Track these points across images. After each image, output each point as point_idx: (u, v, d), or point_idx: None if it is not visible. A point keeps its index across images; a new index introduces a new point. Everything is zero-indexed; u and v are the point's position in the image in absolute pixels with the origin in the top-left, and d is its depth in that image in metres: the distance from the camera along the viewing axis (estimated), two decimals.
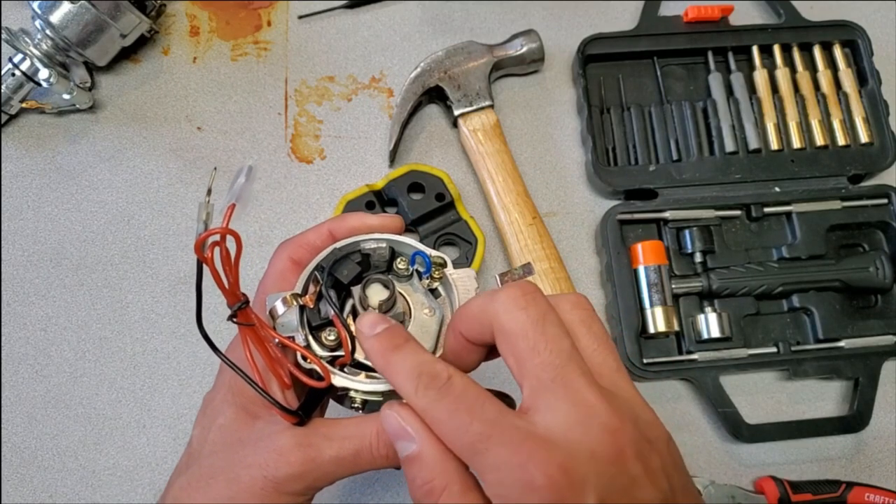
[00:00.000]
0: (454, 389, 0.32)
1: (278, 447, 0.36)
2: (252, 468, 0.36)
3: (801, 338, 0.63)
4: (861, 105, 0.69)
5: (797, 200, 0.65)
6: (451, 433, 0.31)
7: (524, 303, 0.32)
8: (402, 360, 0.33)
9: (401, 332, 0.35)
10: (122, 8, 0.63)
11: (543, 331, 0.31)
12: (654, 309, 0.61)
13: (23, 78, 0.63)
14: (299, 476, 0.36)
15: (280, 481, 0.35)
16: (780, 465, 0.61)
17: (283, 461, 0.35)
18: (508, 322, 0.32)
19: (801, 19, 0.71)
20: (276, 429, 0.37)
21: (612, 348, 0.33)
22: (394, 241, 0.43)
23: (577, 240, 0.66)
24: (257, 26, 0.72)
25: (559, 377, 0.30)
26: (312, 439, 0.36)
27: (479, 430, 0.30)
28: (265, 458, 0.36)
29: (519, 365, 0.32)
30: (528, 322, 0.32)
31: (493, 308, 0.33)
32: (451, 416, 0.31)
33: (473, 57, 0.67)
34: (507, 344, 0.32)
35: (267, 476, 0.35)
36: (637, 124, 0.68)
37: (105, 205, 0.66)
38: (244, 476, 0.36)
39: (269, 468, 0.35)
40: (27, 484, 0.59)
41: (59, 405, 0.61)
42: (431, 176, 0.63)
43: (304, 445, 0.36)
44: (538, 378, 0.31)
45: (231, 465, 0.37)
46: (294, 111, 0.69)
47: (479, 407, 0.31)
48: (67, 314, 0.63)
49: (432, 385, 0.32)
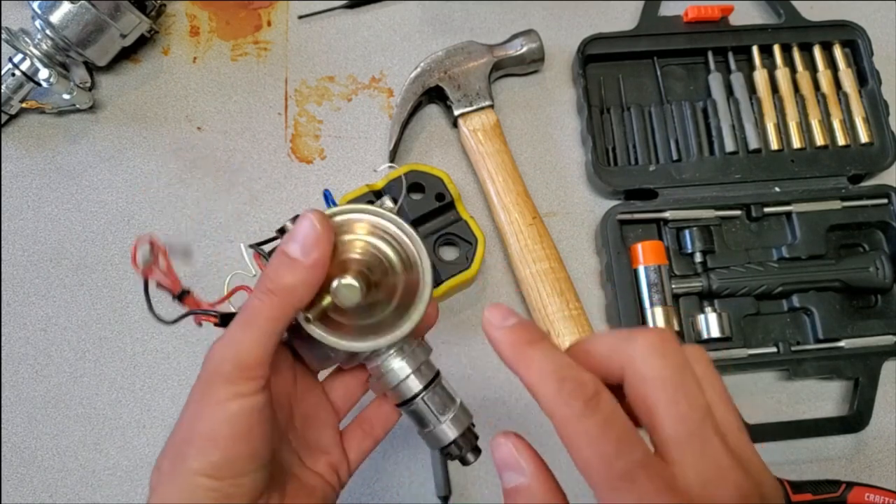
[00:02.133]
0: (603, 408, 0.29)
1: (206, 355, 0.37)
2: (196, 381, 0.37)
3: (801, 338, 0.63)
4: (861, 105, 0.69)
5: (797, 200, 0.65)
6: (591, 457, 0.29)
7: (664, 350, 0.31)
8: (542, 358, 0.31)
9: (537, 329, 0.33)
10: (122, 8, 0.63)
11: (683, 383, 0.30)
12: (654, 309, 0.61)
13: (23, 78, 0.63)
14: (221, 361, 0.36)
15: (209, 374, 0.36)
16: (780, 464, 0.61)
17: (208, 359, 0.37)
18: (647, 369, 0.30)
19: (801, 19, 0.71)
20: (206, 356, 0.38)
21: (734, 407, 0.32)
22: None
23: (577, 240, 0.66)
24: (257, 26, 0.72)
25: (697, 433, 0.29)
26: (223, 332, 0.37)
27: (624, 467, 0.28)
28: (203, 366, 0.37)
29: (652, 414, 0.30)
30: (668, 372, 0.30)
31: (630, 352, 0.31)
32: (596, 441, 0.29)
33: (473, 57, 0.67)
34: (642, 390, 0.30)
35: (202, 379, 0.36)
36: (637, 124, 0.68)
37: (105, 205, 0.66)
38: (192, 390, 0.37)
39: (202, 373, 0.37)
40: (27, 484, 0.59)
41: (60, 405, 0.61)
42: (431, 176, 0.63)
43: (218, 337, 0.37)
44: (676, 430, 0.29)
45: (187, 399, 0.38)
46: (294, 111, 0.69)
47: (628, 441, 0.29)
48: (67, 314, 0.63)
49: (579, 395, 0.30)
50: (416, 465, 0.60)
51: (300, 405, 0.43)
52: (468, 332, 0.64)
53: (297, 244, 0.36)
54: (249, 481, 0.36)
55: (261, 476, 0.37)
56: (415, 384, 0.41)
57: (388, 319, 0.40)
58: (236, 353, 0.36)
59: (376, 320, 0.40)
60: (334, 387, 0.46)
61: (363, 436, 0.45)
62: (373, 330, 0.39)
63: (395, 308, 0.40)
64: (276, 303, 0.36)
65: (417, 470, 0.60)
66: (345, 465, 0.44)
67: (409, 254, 0.41)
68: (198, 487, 0.35)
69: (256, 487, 0.37)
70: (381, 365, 0.41)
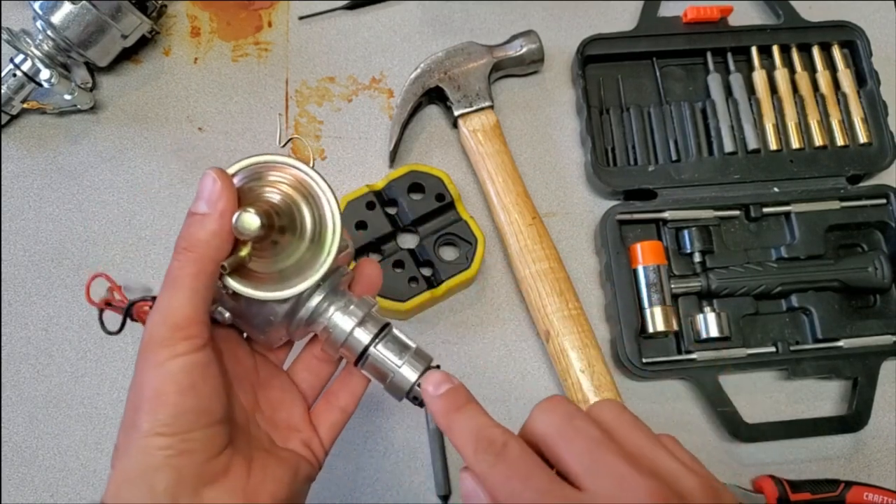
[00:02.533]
0: (509, 455, 0.34)
1: (146, 324, 0.38)
2: (137, 356, 0.38)
3: (800, 337, 0.63)
4: (860, 105, 0.69)
5: (796, 201, 0.65)
6: (505, 498, 0.33)
7: (550, 408, 0.36)
8: (464, 423, 0.37)
9: (463, 393, 0.39)
10: (124, 9, 0.63)
11: (572, 425, 0.34)
12: (654, 309, 0.61)
13: (24, 78, 0.64)
14: (155, 325, 0.37)
15: (145, 342, 0.37)
16: (779, 464, 0.61)
17: (145, 327, 0.38)
18: (539, 426, 0.35)
19: (799, 20, 0.71)
20: None
21: (645, 431, 0.36)
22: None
23: (577, 240, 0.67)
24: (258, 27, 0.72)
25: (597, 460, 0.33)
26: None
27: (532, 498, 0.32)
28: (141, 340, 0.38)
29: (558, 459, 0.34)
30: (556, 419, 0.35)
31: (528, 423, 0.36)
32: (505, 482, 0.33)
33: (473, 58, 0.68)
34: (544, 446, 0.35)
35: (142, 342, 0.37)
36: (636, 125, 0.68)
37: (106, 205, 0.66)
38: (136, 365, 0.38)
39: (142, 338, 0.38)
40: (28, 483, 0.59)
41: (61, 405, 0.61)
42: (431, 176, 0.64)
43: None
44: (578, 462, 0.33)
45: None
46: (294, 112, 0.70)
47: (531, 475, 0.33)
48: (69, 314, 0.63)
49: (490, 450, 0.35)
50: (416, 465, 0.60)
51: (265, 391, 0.44)
52: (468, 332, 0.64)
53: (203, 200, 0.38)
54: (202, 436, 0.37)
55: (214, 433, 0.37)
56: (363, 335, 0.42)
57: (307, 269, 0.40)
58: (166, 317, 0.37)
59: (295, 269, 0.40)
60: (298, 371, 0.46)
61: (331, 409, 0.46)
62: (293, 281, 0.40)
63: (312, 256, 0.40)
64: (194, 258, 0.37)
65: (417, 470, 0.60)
66: (316, 440, 0.44)
67: (318, 201, 0.41)
68: (150, 448, 0.36)
69: (212, 444, 0.37)
70: (327, 325, 0.42)
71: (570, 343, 0.59)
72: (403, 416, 0.61)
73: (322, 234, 0.41)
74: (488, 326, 0.64)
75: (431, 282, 0.62)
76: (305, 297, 0.41)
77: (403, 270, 0.61)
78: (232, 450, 0.39)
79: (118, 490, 0.36)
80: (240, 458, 0.39)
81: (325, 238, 0.41)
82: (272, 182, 0.41)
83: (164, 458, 0.36)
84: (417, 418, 0.61)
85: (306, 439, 0.44)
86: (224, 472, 0.38)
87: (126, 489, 0.36)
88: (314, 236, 0.41)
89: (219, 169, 0.39)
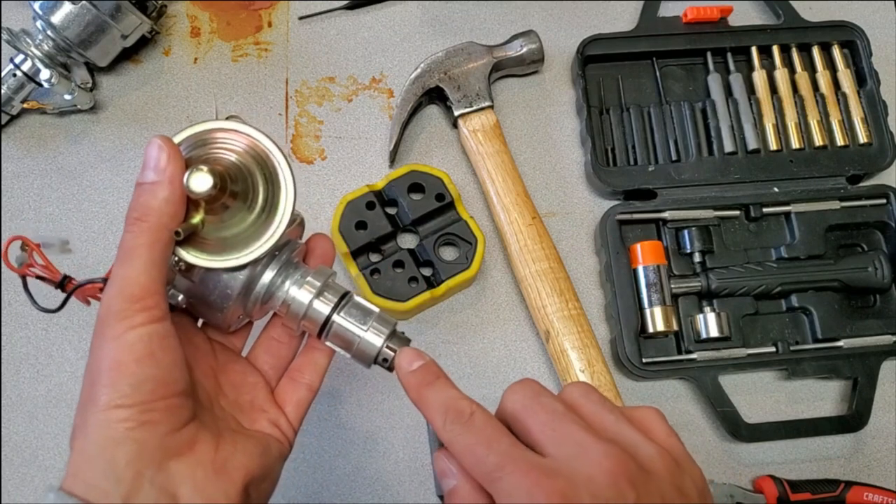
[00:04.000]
0: (475, 424, 0.37)
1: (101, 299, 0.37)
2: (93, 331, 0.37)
3: (800, 337, 0.63)
4: (860, 105, 0.69)
5: (796, 201, 0.66)
6: (471, 464, 0.35)
7: (518, 388, 0.38)
8: (434, 396, 0.39)
9: (434, 369, 0.41)
10: (124, 9, 0.63)
11: (537, 401, 0.37)
12: (654, 309, 0.61)
13: (24, 78, 0.64)
14: (111, 297, 0.36)
15: (101, 315, 0.36)
16: (779, 464, 0.61)
17: (101, 302, 0.37)
18: (509, 404, 0.38)
19: (799, 20, 0.71)
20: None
21: (610, 407, 0.38)
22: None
23: (577, 240, 0.67)
24: (258, 27, 0.72)
25: (558, 429, 0.36)
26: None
27: (495, 461, 0.34)
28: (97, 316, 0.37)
29: (525, 432, 0.36)
30: (524, 398, 0.37)
31: (501, 403, 0.39)
32: (471, 449, 0.36)
33: (473, 58, 0.68)
34: (514, 421, 0.37)
35: (98, 317, 0.37)
36: (636, 125, 0.68)
37: (106, 205, 0.66)
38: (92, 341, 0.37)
39: (98, 313, 0.37)
40: (28, 483, 0.59)
41: (61, 404, 0.61)
42: (431, 176, 0.64)
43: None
44: (541, 432, 0.36)
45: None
46: (295, 112, 0.70)
47: (495, 440, 0.35)
48: (69, 314, 0.63)
49: (458, 420, 0.37)
50: (416, 465, 0.60)
51: (226, 376, 0.44)
52: (468, 332, 0.64)
53: (150, 169, 0.37)
54: (163, 407, 0.36)
55: (177, 404, 0.37)
56: (322, 306, 0.42)
57: (260, 237, 0.40)
58: (121, 289, 0.36)
59: (247, 238, 0.40)
60: (258, 354, 0.46)
61: (296, 387, 0.46)
62: (247, 250, 0.40)
63: (264, 225, 0.40)
64: (147, 227, 0.37)
65: (417, 470, 0.60)
66: (283, 419, 0.44)
67: (272, 167, 0.41)
68: (110, 421, 0.35)
69: (175, 416, 0.36)
70: (285, 298, 0.42)
71: (570, 343, 0.59)
72: (403, 416, 0.61)
73: (275, 202, 0.40)
74: (488, 326, 0.64)
75: (431, 282, 0.62)
76: (260, 272, 0.41)
77: (403, 270, 0.61)
78: (198, 424, 0.38)
79: (77, 470, 0.35)
80: (206, 433, 0.38)
81: (278, 205, 0.40)
82: (223, 148, 0.40)
83: (125, 430, 0.34)
84: (417, 418, 0.61)
85: (273, 419, 0.44)
86: (190, 445, 0.37)
87: (86, 467, 0.34)
88: (266, 204, 0.40)
89: (163, 136, 0.38)
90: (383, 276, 0.61)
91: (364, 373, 0.62)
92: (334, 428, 0.61)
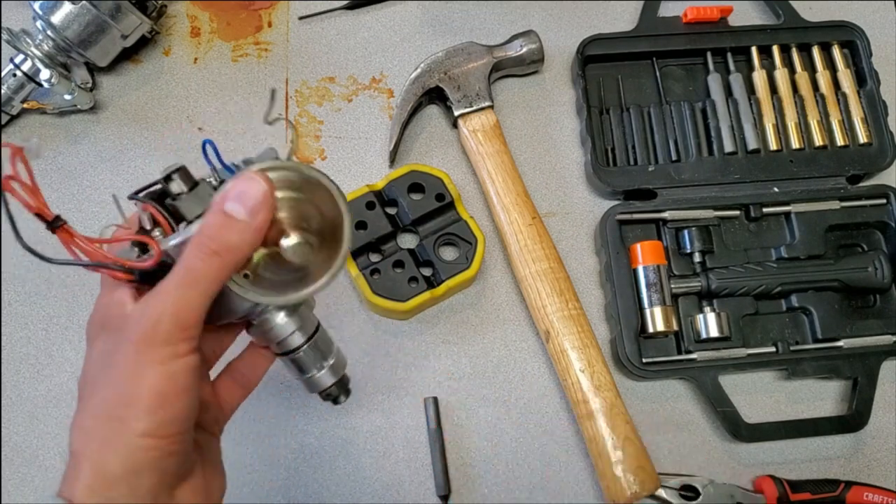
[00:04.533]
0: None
1: (136, 316, 0.37)
2: (123, 350, 0.36)
3: (800, 337, 0.63)
4: (860, 105, 0.69)
5: (796, 201, 0.66)
6: None
7: None
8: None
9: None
10: (124, 9, 0.63)
11: None
12: (654, 309, 0.61)
13: (24, 78, 0.64)
14: (157, 322, 0.36)
15: (146, 336, 0.36)
16: (779, 464, 0.61)
17: (144, 319, 0.36)
18: None
19: (799, 20, 0.71)
20: (127, 314, 0.38)
21: None
22: None
23: (577, 240, 0.67)
24: (258, 27, 0.72)
25: None
26: (156, 289, 0.37)
27: None
28: (130, 334, 0.36)
29: None
30: None
31: None
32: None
33: (473, 58, 0.68)
34: None
35: (134, 340, 0.36)
36: (636, 125, 0.68)
37: (106, 205, 0.66)
38: (122, 351, 0.36)
39: (134, 335, 0.36)
40: (28, 483, 0.59)
41: (61, 404, 0.61)
42: (431, 176, 0.64)
43: (151, 297, 0.37)
44: None
45: (110, 366, 0.37)
46: (295, 112, 0.70)
47: None
48: (69, 314, 0.63)
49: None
50: (416, 465, 0.60)
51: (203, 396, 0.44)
52: (468, 332, 0.64)
53: (242, 206, 0.36)
54: (185, 438, 0.37)
55: (190, 435, 0.38)
56: (298, 339, 0.43)
57: (312, 271, 0.40)
58: (176, 313, 0.36)
59: (299, 274, 0.40)
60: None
61: (236, 386, 0.46)
62: (294, 283, 0.39)
63: (316, 260, 0.40)
64: (219, 264, 0.36)
65: (417, 469, 0.60)
66: (222, 416, 0.45)
67: (329, 207, 0.40)
68: (140, 449, 0.35)
69: (188, 446, 0.38)
70: (269, 319, 0.42)
71: (570, 343, 0.59)
72: (403, 416, 0.61)
73: (329, 253, 0.40)
74: (488, 326, 0.64)
75: (431, 282, 0.62)
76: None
77: (403, 270, 0.61)
78: (195, 451, 0.39)
79: (95, 485, 0.35)
80: (196, 458, 0.40)
81: (332, 254, 0.40)
82: (288, 183, 0.40)
83: (152, 459, 0.35)
84: (418, 418, 0.61)
85: (214, 416, 0.44)
86: (190, 471, 0.39)
87: (107, 487, 0.35)
88: (320, 254, 0.40)
89: (265, 174, 0.37)
90: (383, 276, 0.61)
91: (364, 373, 0.62)
92: (334, 428, 0.61)
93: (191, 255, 0.36)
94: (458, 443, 0.61)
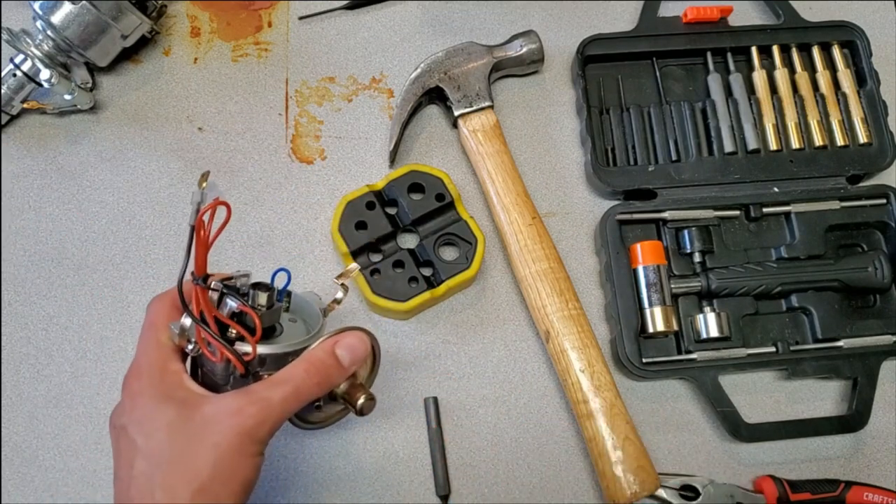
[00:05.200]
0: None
1: (234, 409, 0.42)
2: (219, 434, 0.41)
3: (800, 337, 0.63)
4: (860, 105, 0.69)
5: (796, 201, 0.66)
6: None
7: None
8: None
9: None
10: (124, 9, 0.63)
11: None
12: (654, 309, 0.61)
13: (24, 78, 0.64)
14: (261, 423, 0.42)
15: (248, 432, 0.41)
16: (779, 464, 0.61)
17: (245, 415, 0.42)
18: None
19: (799, 20, 0.71)
20: (218, 399, 0.43)
21: None
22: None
23: (577, 240, 0.67)
24: (258, 27, 0.72)
25: None
26: (259, 392, 0.43)
27: None
28: (227, 423, 0.41)
29: None
30: None
31: None
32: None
33: (473, 58, 0.68)
34: None
35: (235, 431, 0.41)
36: (636, 125, 0.68)
37: (106, 205, 0.66)
38: (214, 431, 0.41)
39: (235, 426, 0.41)
40: (28, 483, 0.59)
41: (61, 404, 0.61)
42: (431, 176, 0.64)
43: (255, 399, 0.43)
44: None
45: (196, 443, 0.42)
46: (295, 112, 0.70)
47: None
48: (69, 314, 0.63)
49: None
50: (416, 465, 0.60)
51: None
52: (468, 332, 0.64)
53: (350, 356, 0.46)
54: None
55: None
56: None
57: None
58: (277, 421, 0.43)
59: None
60: None
61: None
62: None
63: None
64: (317, 392, 0.44)
65: (417, 469, 0.60)
66: None
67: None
68: None
69: None
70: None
71: (570, 343, 0.59)
72: (403, 416, 0.61)
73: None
74: (488, 326, 0.64)
75: (431, 282, 0.62)
76: None
77: (403, 270, 0.61)
78: None
79: None
80: None
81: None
82: None
83: None
84: (418, 418, 0.61)
85: None
86: None
87: None
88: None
89: (370, 337, 0.48)
90: (383, 276, 0.61)
91: None
92: (334, 428, 0.61)
93: (301, 378, 0.44)
94: (458, 443, 0.61)
